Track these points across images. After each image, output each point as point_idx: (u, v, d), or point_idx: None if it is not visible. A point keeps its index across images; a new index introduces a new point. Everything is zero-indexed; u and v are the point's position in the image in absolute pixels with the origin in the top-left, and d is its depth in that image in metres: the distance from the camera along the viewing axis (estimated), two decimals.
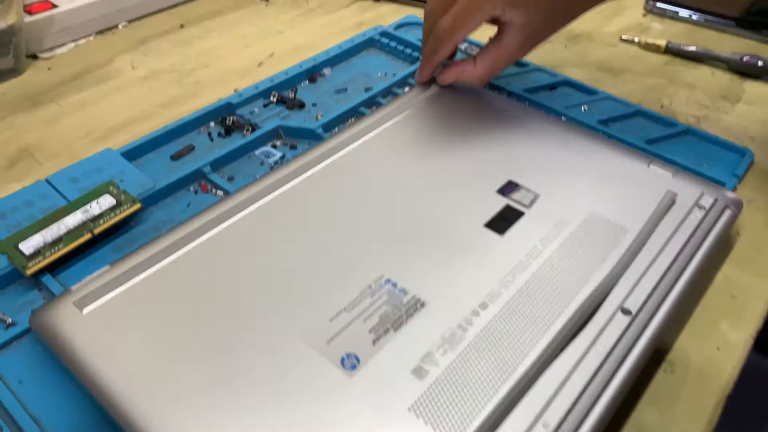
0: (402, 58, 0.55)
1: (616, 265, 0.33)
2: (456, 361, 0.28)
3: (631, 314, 0.30)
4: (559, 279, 0.32)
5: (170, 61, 0.54)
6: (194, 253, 0.33)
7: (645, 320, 0.30)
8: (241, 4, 0.63)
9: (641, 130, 0.47)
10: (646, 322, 0.30)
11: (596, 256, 0.33)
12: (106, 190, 0.38)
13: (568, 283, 0.32)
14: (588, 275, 0.32)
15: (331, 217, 0.35)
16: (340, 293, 0.31)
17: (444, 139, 0.41)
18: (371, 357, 0.28)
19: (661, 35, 0.61)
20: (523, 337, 0.29)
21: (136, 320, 0.29)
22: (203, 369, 0.27)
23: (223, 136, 0.45)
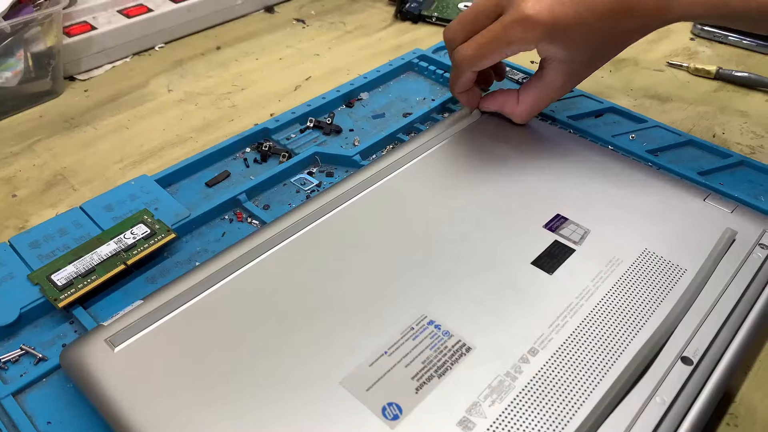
0: (441, 83, 0.54)
1: (674, 309, 0.31)
2: (505, 413, 0.26)
3: (693, 363, 0.28)
4: (614, 323, 0.30)
5: (206, 84, 0.53)
6: (229, 289, 0.32)
7: (708, 370, 0.28)
8: (278, 26, 0.63)
9: (693, 161, 0.45)
10: (708, 372, 0.28)
11: (653, 298, 0.31)
12: (140, 219, 0.37)
13: (623, 327, 0.30)
14: (645, 319, 0.30)
15: (371, 251, 0.34)
16: (381, 335, 0.29)
17: (486, 169, 0.39)
18: (414, 406, 0.26)
19: (710, 60, 0.58)
20: (577, 388, 0.27)
21: (169, 360, 0.28)
22: (237, 414, 0.26)
23: (259, 162, 0.44)
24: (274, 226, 0.35)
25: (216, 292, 0.31)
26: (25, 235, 0.36)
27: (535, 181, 0.39)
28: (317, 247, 0.34)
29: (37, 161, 0.44)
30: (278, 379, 0.27)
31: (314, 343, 0.29)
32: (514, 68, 0.55)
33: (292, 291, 0.31)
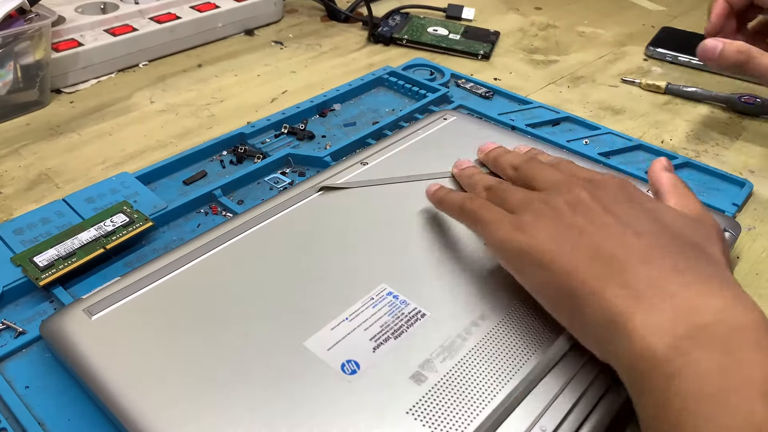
0: (409, 96, 0.57)
1: None
2: (454, 368, 0.28)
3: None
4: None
5: (187, 97, 0.56)
6: (202, 267, 0.34)
7: None
8: (257, 47, 0.66)
9: (641, 162, 0.48)
10: None
11: None
12: (119, 209, 0.39)
13: None
14: None
15: (337, 233, 0.36)
16: (343, 304, 0.31)
17: (450, 165, 0.42)
18: (371, 363, 0.28)
19: (663, 78, 0.62)
20: (522, 347, 0.29)
21: (144, 328, 0.30)
22: (206, 374, 0.28)
23: (235, 163, 0.46)
24: (245, 215, 0.37)
25: (190, 269, 0.33)
26: (9, 223, 0.38)
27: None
28: (287, 232, 0.36)
29: (23, 163, 0.47)
30: (246, 341, 0.29)
31: (281, 312, 0.31)
32: (477, 83, 0.58)
33: (264, 269, 0.34)
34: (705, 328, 0.23)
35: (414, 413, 0.26)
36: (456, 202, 0.34)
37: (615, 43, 0.70)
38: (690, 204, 0.31)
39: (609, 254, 0.26)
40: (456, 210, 0.34)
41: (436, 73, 0.61)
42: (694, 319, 0.23)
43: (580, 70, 0.64)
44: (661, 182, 0.33)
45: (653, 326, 0.23)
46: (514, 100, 0.56)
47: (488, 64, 0.65)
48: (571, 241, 0.27)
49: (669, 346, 0.23)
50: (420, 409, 0.26)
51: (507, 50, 0.68)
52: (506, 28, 0.73)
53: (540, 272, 0.28)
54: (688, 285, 0.24)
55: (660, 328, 0.23)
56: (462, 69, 0.62)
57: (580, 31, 0.73)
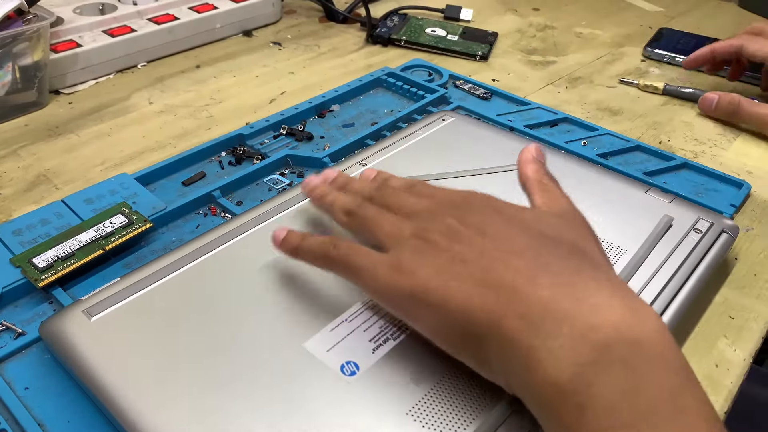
0: (408, 97, 0.57)
1: None
2: (454, 369, 0.28)
3: None
4: None
5: (185, 98, 0.56)
6: (201, 268, 0.34)
7: None
8: (255, 49, 0.66)
9: (640, 163, 0.48)
10: None
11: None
12: (119, 210, 0.39)
13: None
14: None
15: (337, 235, 0.36)
16: (342, 305, 0.31)
17: (451, 164, 0.42)
18: (371, 364, 0.28)
19: (659, 78, 0.63)
20: None
21: (143, 329, 0.30)
22: (206, 374, 0.28)
23: (234, 164, 0.46)
24: (244, 216, 0.37)
25: (189, 270, 0.34)
26: (8, 224, 0.38)
27: (492, 177, 0.41)
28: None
29: (21, 164, 0.46)
30: (246, 343, 0.29)
31: (282, 314, 0.31)
32: (475, 84, 0.58)
33: (263, 271, 0.34)
34: (606, 348, 0.22)
35: (414, 415, 0.26)
36: (317, 252, 0.30)
37: (613, 44, 0.70)
38: (556, 200, 0.30)
39: (497, 282, 0.25)
40: (321, 260, 0.30)
41: (435, 74, 0.61)
42: (593, 339, 0.22)
43: (578, 71, 0.64)
44: (527, 176, 0.32)
45: (555, 357, 0.22)
46: (512, 101, 0.56)
47: (486, 65, 0.65)
48: (457, 274, 0.26)
49: (574, 376, 0.22)
50: (420, 410, 0.26)
51: (505, 51, 0.68)
52: (504, 29, 0.73)
53: (433, 313, 0.26)
54: (580, 301, 0.24)
55: (561, 357, 0.22)
56: (460, 70, 0.62)
57: (577, 32, 0.73)
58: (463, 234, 0.27)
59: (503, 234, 0.27)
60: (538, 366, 0.23)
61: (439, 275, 0.26)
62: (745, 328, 0.35)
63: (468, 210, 0.29)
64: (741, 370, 0.33)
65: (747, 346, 0.34)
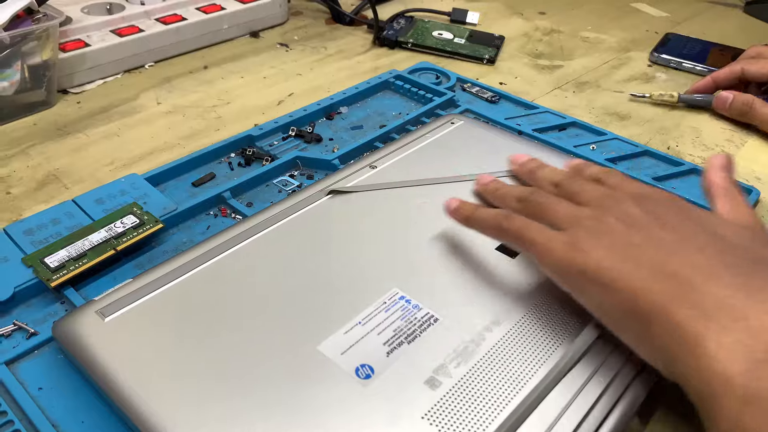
0: (416, 100, 0.57)
1: None
2: (469, 373, 0.28)
3: None
4: (572, 301, 0.32)
5: (193, 98, 0.56)
6: (214, 269, 0.34)
7: None
8: (262, 50, 0.66)
9: (649, 168, 0.48)
10: None
11: None
12: (129, 210, 0.39)
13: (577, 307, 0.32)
14: None
15: (350, 238, 0.36)
16: (355, 308, 0.31)
17: (459, 168, 0.42)
18: (385, 367, 0.28)
19: (666, 84, 0.63)
20: (536, 353, 0.29)
21: (157, 330, 0.30)
22: (220, 377, 0.28)
23: (243, 165, 0.46)
24: (256, 217, 0.37)
25: (202, 271, 0.33)
26: (20, 224, 0.38)
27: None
28: (298, 235, 0.36)
29: (30, 163, 0.46)
30: (260, 345, 0.29)
31: (295, 316, 0.31)
32: (482, 87, 0.58)
33: (275, 273, 0.34)
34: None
35: (429, 419, 0.26)
36: (490, 221, 0.33)
37: (619, 49, 0.70)
38: (741, 211, 0.30)
39: (674, 272, 0.26)
40: (492, 229, 0.33)
41: (442, 77, 0.61)
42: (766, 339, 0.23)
43: (585, 76, 0.64)
44: (714, 181, 0.32)
45: (727, 350, 0.23)
46: (520, 105, 0.56)
47: (493, 68, 0.65)
48: (633, 258, 0.27)
49: (744, 371, 0.22)
50: (435, 414, 0.26)
51: (512, 55, 0.68)
52: (511, 32, 0.73)
53: (602, 292, 0.27)
54: (758, 303, 0.24)
55: (734, 351, 0.23)
56: (467, 73, 0.62)
57: (584, 37, 0.73)
58: (642, 222, 0.28)
59: (684, 229, 0.28)
60: (705, 356, 0.23)
61: (612, 256, 0.27)
62: None
63: (652, 203, 0.30)
64: None
65: None
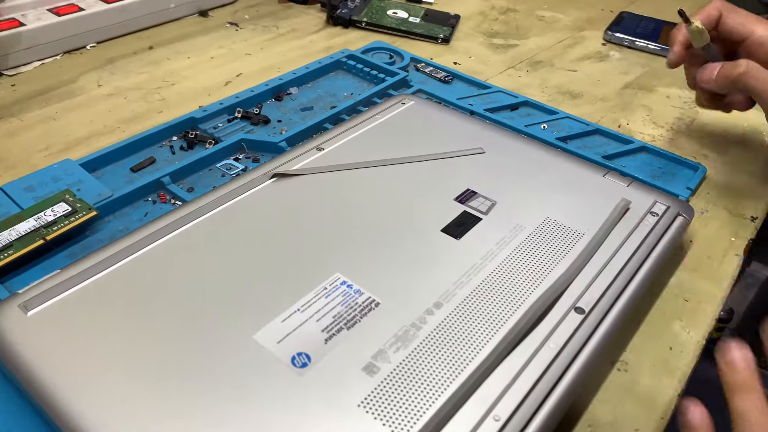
0: (368, 80, 0.56)
1: (571, 267, 0.33)
2: (408, 358, 0.28)
3: (584, 312, 0.31)
4: (514, 280, 0.32)
5: (137, 80, 0.54)
6: (146, 259, 0.32)
7: (598, 318, 0.31)
8: (211, 29, 0.64)
9: (599, 147, 0.48)
10: (598, 321, 0.31)
11: (552, 257, 0.34)
12: (61, 198, 0.37)
13: (522, 283, 0.32)
14: (542, 276, 0.32)
15: (293, 222, 0.35)
16: (295, 294, 0.31)
17: (407, 150, 0.41)
18: (323, 355, 0.28)
19: (619, 63, 0.63)
20: (477, 335, 0.29)
21: (84, 324, 0.29)
22: (150, 372, 0.27)
23: (185, 149, 0.45)
24: (196, 202, 0.36)
25: (134, 260, 0.32)
26: None
27: (450, 162, 0.41)
28: (238, 221, 0.35)
29: None
30: (193, 336, 0.28)
31: (231, 306, 0.30)
32: (436, 67, 0.57)
33: (213, 260, 0.32)
34: None
35: (366, 406, 0.26)
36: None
37: (574, 28, 0.70)
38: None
39: None
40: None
41: (396, 56, 0.60)
42: None
43: (539, 55, 0.63)
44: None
45: None
46: (473, 85, 0.56)
47: (448, 47, 0.64)
48: None
49: None
50: (372, 401, 0.26)
51: (467, 34, 0.67)
52: (467, 11, 0.72)
53: None
54: None
55: None
56: (422, 52, 0.61)
57: (539, 16, 0.73)
58: None
59: None
60: None
61: None
62: (699, 311, 0.35)
63: None
64: (694, 352, 0.33)
65: (700, 328, 0.34)
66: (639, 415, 0.30)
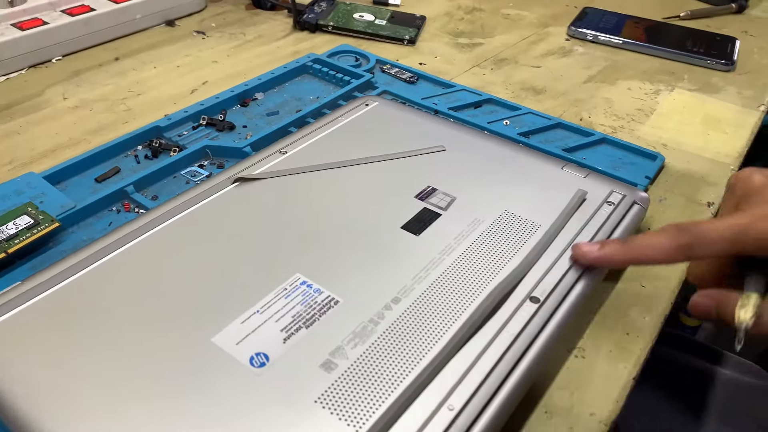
0: (334, 83, 0.56)
1: (527, 258, 0.34)
2: (365, 353, 0.28)
3: (539, 301, 0.31)
4: (471, 272, 0.33)
5: (102, 91, 0.54)
6: (106, 267, 0.32)
7: (553, 307, 0.31)
8: (178, 38, 0.64)
9: (560, 140, 0.49)
10: (553, 309, 0.31)
11: (508, 249, 0.34)
12: (23, 210, 0.37)
13: (479, 275, 0.32)
14: (499, 268, 0.33)
15: (255, 225, 0.35)
16: (255, 296, 0.31)
17: (369, 151, 0.42)
18: (281, 354, 0.28)
19: (582, 57, 0.64)
20: (433, 327, 0.29)
21: (44, 334, 0.29)
22: (112, 375, 0.27)
23: (150, 158, 0.45)
24: (157, 210, 0.36)
25: (95, 269, 0.32)
26: None
27: (412, 160, 0.41)
28: (200, 226, 0.35)
29: None
30: (153, 341, 0.29)
31: (192, 310, 0.30)
32: (401, 68, 0.58)
33: (174, 266, 0.33)
34: None
35: (322, 402, 0.26)
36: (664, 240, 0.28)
37: (539, 25, 0.71)
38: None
39: None
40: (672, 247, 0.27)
41: (362, 59, 0.60)
42: None
43: (504, 52, 0.64)
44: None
45: None
46: (438, 84, 0.56)
47: (414, 49, 0.64)
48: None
49: None
50: (329, 397, 0.26)
51: (433, 35, 0.68)
52: (433, 12, 0.73)
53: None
54: None
55: None
56: (388, 54, 0.62)
57: (505, 14, 0.74)
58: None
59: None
60: None
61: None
62: (655, 296, 0.36)
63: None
64: (650, 336, 0.33)
65: (656, 313, 0.35)
66: (595, 400, 0.30)
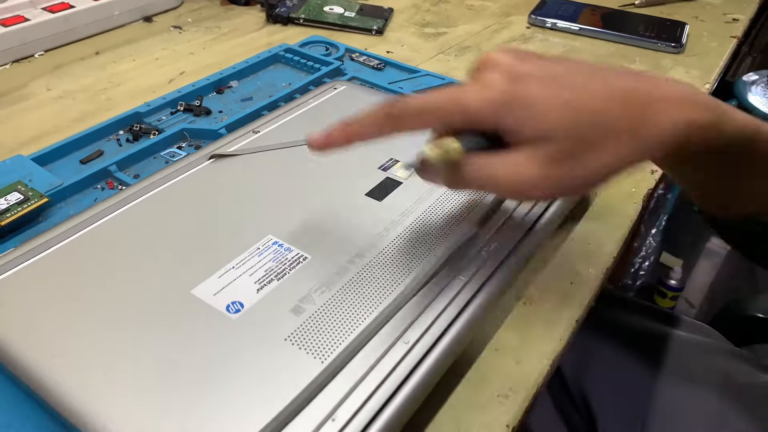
0: (305, 70, 0.59)
1: (478, 214, 0.37)
2: (331, 299, 0.31)
3: (487, 256, 0.35)
4: (429, 230, 0.36)
5: (84, 83, 0.57)
6: (94, 233, 0.35)
7: (502, 257, 0.35)
8: (155, 33, 0.67)
9: None
10: (503, 258, 0.35)
11: (462, 211, 0.37)
12: (14, 188, 0.40)
13: (436, 232, 0.36)
14: (453, 227, 0.36)
15: (230, 196, 0.38)
16: (230, 255, 0.34)
17: None
18: (254, 302, 0.31)
19: (541, 44, 0.67)
20: (393, 276, 0.33)
21: (38, 291, 0.32)
22: (100, 324, 0.30)
23: (132, 141, 0.48)
24: (139, 184, 0.39)
25: (84, 235, 0.35)
26: None
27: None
28: (179, 197, 0.38)
29: None
30: (138, 296, 0.31)
31: (172, 268, 0.33)
32: (369, 56, 0.61)
33: (156, 232, 0.36)
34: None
35: (292, 340, 0.29)
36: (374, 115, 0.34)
37: (501, 14, 0.75)
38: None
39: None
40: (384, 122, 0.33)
41: (331, 48, 0.63)
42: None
43: (467, 41, 0.68)
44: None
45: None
46: (404, 70, 0.60)
47: (382, 38, 0.68)
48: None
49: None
50: (298, 335, 0.29)
51: (400, 25, 0.71)
52: (400, 4, 0.76)
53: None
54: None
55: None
56: (357, 44, 0.65)
57: (469, 5, 0.77)
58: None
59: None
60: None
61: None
62: (599, 252, 0.39)
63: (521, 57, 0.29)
64: (593, 284, 0.37)
65: (599, 265, 0.38)
66: (542, 337, 0.34)
